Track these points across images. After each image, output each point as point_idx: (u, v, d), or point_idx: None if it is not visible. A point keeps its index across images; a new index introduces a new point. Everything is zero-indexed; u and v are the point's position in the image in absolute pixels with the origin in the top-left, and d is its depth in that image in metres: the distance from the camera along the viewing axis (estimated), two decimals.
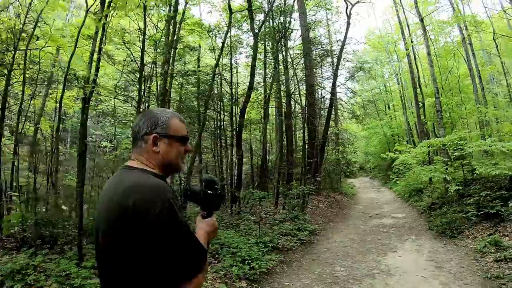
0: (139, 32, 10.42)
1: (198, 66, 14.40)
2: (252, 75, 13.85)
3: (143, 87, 10.40)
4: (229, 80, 14.20)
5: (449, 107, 17.70)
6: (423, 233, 9.12)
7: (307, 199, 12.47)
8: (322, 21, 20.33)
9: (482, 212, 8.52)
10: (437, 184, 13.08)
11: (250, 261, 6.56)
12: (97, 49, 7.65)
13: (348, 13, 18.54)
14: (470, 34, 21.29)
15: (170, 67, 11.84)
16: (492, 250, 6.90)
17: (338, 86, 21.91)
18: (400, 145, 18.69)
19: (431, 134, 19.03)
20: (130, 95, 12.65)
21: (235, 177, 13.38)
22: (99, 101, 14.24)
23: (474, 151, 10.76)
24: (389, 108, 29.59)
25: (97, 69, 7.95)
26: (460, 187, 9.72)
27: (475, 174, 10.93)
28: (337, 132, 22.56)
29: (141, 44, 9.89)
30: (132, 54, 10.70)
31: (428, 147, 11.90)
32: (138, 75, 10.19)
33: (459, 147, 10.69)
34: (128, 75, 11.53)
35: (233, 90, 13.96)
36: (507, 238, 7.55)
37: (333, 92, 18.68)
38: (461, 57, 19.94)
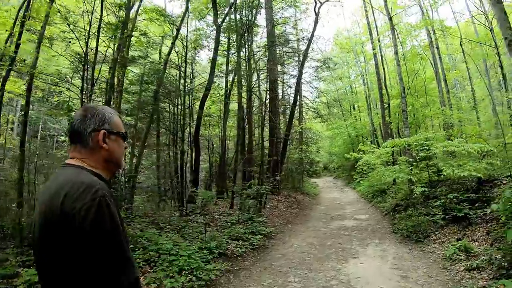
0: (88, 15, 9.17)
1: (160, 58, 13.13)
2: (213, 67, 12.77)
3: (86, 75, 9.17)
4: (188, 73, 12.97)
5: (414, 108, 17.36)
6: (387, 237, 8.33)
7: (265, 199, 11.50)
8: (290, 18, 19.57)
9: (449, 216, 7.85)
10: (401, 185, 12.52)
11: (188, 271, 5.45)
12: (19, 22, 6.41)
13: (317, 11, 17.94)
14: (438, 38, 21.34)
15: (120, 54, 10.58)
16: (462, 257, 6.16)
17: (303, 84, 21.26)
18: (364, 145, 18.22)
19: (395, 135, 18.66)
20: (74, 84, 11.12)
21: (191, 176, 12.26)
22: (58, 92, 12.80)
23: (439, 152, 10.18)
24: (354, 109, 29.35)
25: (17, 46, 6.70)
26: (426, 189, 9.05)
27: (442, 176, 10.41)
28: (300, 130, 21.85)
29: (88, 27, 8.78)
30: (78, 39, 9.43)
31: (393, 147, 11.25)
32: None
33: (425, 147, 10.10)
34: (72, 61, 10.07)
35: (188, 81, 12.68)
36: (476, 243, 6.87)
37: (298, 89, 17.88)
38: (427, 61, 19.86)
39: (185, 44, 12.68)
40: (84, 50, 9.23)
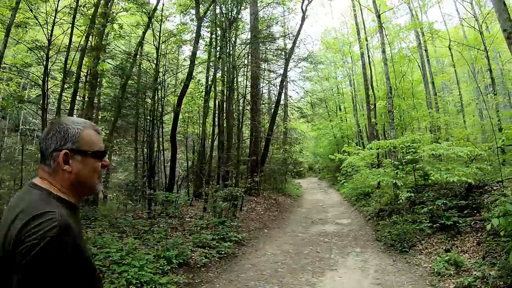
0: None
1: (137, 51, 12.17)
2: (192, 61, 11.95)
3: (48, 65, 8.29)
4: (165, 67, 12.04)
5: (401, 110, 16.81)
6: (369, 245, 7.61)
7: (241, 202, 10.70)
8: (277, 18, 18.80)
9: (437, 224, 7.19)
10: (386, 189, 11.86)
11: (139, 286, 4.62)
12: None
13: (304, 8, 17.29)
14: (426, 40, 20.91)
15: (91, 42, 9.69)
16: (452, 272, 5.47)
17: (289, 83, 20.55)
18: (349, 147, 17.61)
19: (381, 137, 18.09)
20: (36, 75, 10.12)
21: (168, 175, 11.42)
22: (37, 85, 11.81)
23: (426, 155, 9.53)
24: (340, 110, 28.78)
25: None
26: (412, 194, 8.38)
27: (429, 180, 9.79)
28: (284, 130, 21.12)
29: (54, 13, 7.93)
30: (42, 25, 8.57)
31: (378, 148, 10.55)
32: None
33: (412, 150, 9.44)
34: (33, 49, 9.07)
35: (160, 74, 11.75)
36: (467, 255, 6.21)
37: (282, 87, 17.13)
38: (415, 63, 19.43)
39: (158, 35, 11.74)
40: (48, 38, 8.34)
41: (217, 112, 13.59)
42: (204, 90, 13.26)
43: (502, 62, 23.61)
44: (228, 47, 12.96)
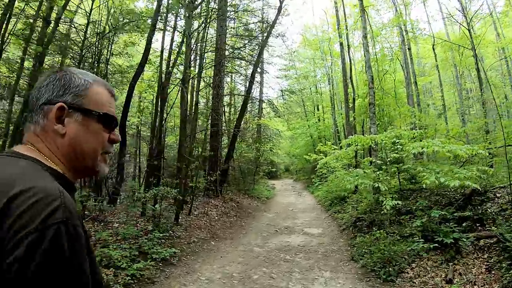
0: None
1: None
2: (148, 45, 9.76)
3: None
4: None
5: (384, 104, 15.04)
6: (342, 268, 5.60)
7: (191, 204, 8.59)
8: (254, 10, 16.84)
9: (435, 243, 5.28)
10: (365, 193, 10.01)
11: None
12: None
13: None
14: (410, 38, 19.42)
15: None
16: None
17: (265, 75, 18.60)
18: (324, 146, 15.80)
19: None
20: None
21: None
22: None
23: (411, 154, 7.66)
24: (318, 109, 27.05)
25: None
26: (399, 202, 6.47)
27: (417, 185, 7.99)
28: (257, 127, 19.14)
29: None
30: None
31: (356, 145, 8.59)
32: None
33: (398, 147, 7.57)
34: None
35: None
36: (476, 287, 4.36)
37: (252, 79, 15.12)
38: (398, 63, 17.94)
39: None
40: None
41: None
42: (158, 77, 11.10)
43: (485, 68, 22.34)
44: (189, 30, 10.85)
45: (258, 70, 22.47)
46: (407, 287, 4.59)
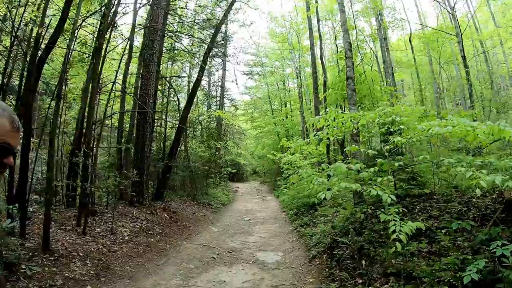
0: None
1: None
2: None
3: None
4: None
5: (365, 81, 12.21)
6: None
7: (84, 220, 5.30)
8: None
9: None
10: (340, 201, 7.12)
11: None
12: None
13: None
14: (387, 26, 17.01)
15: None
16: None
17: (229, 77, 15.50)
18: (289, 141, 12.91)
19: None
20: None
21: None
22: None
23: (419, 139, 4.76)
24: (286, 106, 24.20)
25: None
26: (422, 225, 3.40)
27: (424, 188, 5.16)
28: (215, 121, 15.98)
29: None
30: None
31: (327, 130, 5.42)
32: None
33: (398, 129, 4.66)
34: None
35: None
36: None
37: (204, 65, 11.95)
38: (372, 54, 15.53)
39: None
40: None
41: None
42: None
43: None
44: None
45: (220, 60, 19.41)
46: None
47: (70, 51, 7.75)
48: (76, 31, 8.89)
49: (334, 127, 4.98)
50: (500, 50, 19.04)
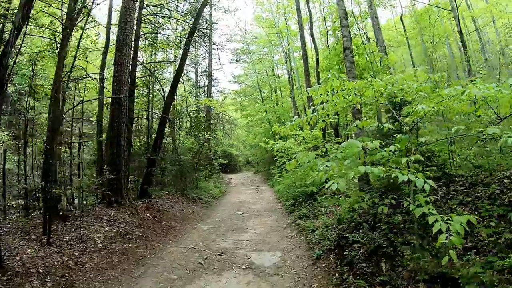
0: None
1: None
2: None
3: None
4: None
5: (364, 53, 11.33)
6: None
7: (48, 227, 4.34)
8: None
9: None
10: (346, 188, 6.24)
11: None
12: None
13: None
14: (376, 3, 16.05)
15: None
16: None
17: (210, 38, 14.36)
18: (281, 127, 11.99)
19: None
20: None
21: None
22: None
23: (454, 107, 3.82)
24: (276, 93, 23.20)
25: None
26: (463, 224, 2.50)
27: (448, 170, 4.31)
28: (203, 110, 14.96)
29: None
30: None
31: (326, 116, 4.43)
32: None
33: (418, 95, 3.73)
34: None
35: None
36: None
37: (189, 43, 10.90)
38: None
39: None
40: None
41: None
42: None
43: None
44: None
45: (206, 49, 18.25)
46: None
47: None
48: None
49: (334, 102, 4.03)
50: (491, 30, 18.28)
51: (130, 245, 5.30)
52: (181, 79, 17.39)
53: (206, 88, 18.57)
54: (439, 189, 3.98)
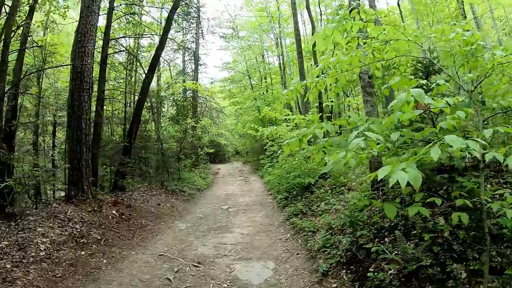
0: None
1: None
2: None
3: None
4: None
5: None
6: None
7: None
8: None
9: None
10: (342, 178, 5.14)
11: None
12: None
13: None
14: None
15: None
16: None
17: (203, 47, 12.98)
18: (272, 111, 10.85)
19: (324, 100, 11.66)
20: None
21: None
22: None
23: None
24: (265, 80, 21.96)
25: None
26: None
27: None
28: (186, 98, 13.64)
29: None
30: None
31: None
32: None
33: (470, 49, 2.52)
34: None
35: None
36: None
37: (171, 19, 9.56)
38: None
39: None
40: None
41: None
42: None
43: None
44: None
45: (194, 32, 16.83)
46: None
47: None
48: None
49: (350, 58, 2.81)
50: (488, 21, 17.34)
51: (82, 253, 4.09)
52: (167, 66, 16.01)
53: (192, 73, 17.19)
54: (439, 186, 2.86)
